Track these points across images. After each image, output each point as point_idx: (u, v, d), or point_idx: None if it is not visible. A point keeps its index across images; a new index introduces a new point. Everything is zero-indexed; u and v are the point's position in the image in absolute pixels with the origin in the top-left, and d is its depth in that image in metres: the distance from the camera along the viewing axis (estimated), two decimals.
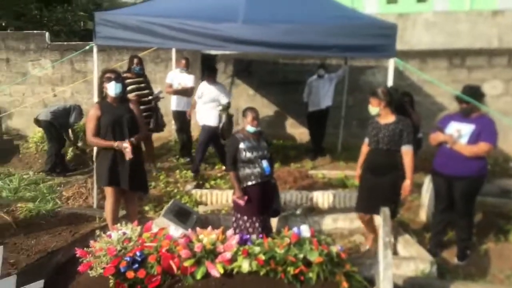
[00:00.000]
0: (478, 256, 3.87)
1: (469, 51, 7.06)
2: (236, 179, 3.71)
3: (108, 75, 3.71)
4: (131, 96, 5.48)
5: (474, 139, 3.56)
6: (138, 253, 2.76)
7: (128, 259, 2.71)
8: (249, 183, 3.71)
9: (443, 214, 3.90)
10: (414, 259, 3.53)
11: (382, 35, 3.98)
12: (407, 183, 3.60)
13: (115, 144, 3.60)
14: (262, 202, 3.76)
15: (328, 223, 4.50)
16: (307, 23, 4.07)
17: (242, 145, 3.71)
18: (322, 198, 5.15)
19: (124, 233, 3.00)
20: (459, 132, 3.62)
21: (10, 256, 3.18)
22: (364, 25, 4.10)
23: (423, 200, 4.63)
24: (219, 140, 6.03)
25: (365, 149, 3.88)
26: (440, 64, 7.02)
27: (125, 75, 5.37)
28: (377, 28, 4.06)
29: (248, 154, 3.70)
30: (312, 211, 5.00)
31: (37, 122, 6.06)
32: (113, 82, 3.66)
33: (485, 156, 3.68)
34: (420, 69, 6.54)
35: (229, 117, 6.02)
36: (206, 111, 5.89)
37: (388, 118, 3.66)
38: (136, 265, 2.70)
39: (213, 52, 7.58)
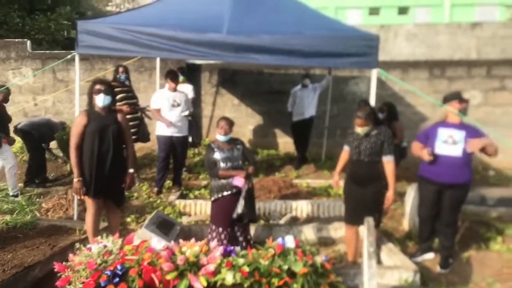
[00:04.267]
0: (460, 264, 3.91)
1: (449, 62, 7.24)
2: (227, 173, 3.69)
3: (98, 87, 3.63)
4: (120, 105, 5.43)
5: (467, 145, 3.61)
6: (119, 267, 2.69)
7: (108, 273, 2.64)
8: (225, 193, 3.70)
9: (431, 221, 3.93)
10: (398, 268, 3.53)
11: (365, 46, 4.04)
12: (389, 193, 3.62)
13: (76, 179, 3.56)
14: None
15: (312, 232, 4.49)
16: (292, 33, 4.10)
17: (217, 156, 3.70)
18: (307, 208, 5.15)
19: (105, 246, 2.92)
20: (452, 138, 3.66)
21: None
22: (348, 36, 4.15)
23: (406, 209, 4.67)
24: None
25: (344, 155, 3.87)
26: (421, 75, 7.18)
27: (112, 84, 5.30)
28: (361, 39, 4.12)
29: (222, 165, 3.70)
30: (297, 221, 5.00)
31: (17, 131, 5.92)
32: (102, 95, 3.61)
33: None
34: (402, 79, 6.65)
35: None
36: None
37: (366, 130, 3.64)
38: (117, 279, 2.63)
39: (197, 61, 7.59)
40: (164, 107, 5.43)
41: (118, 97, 5.26)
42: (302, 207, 5.18)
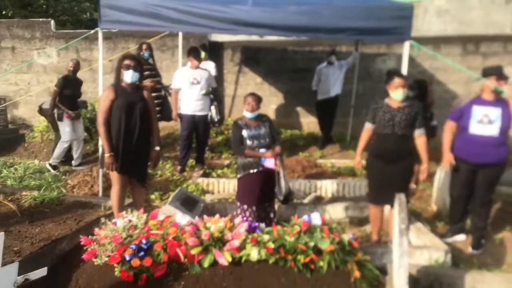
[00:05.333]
0: (493, 245, 3.76)
1: (483, 37, 6.88)
2: (253, 153, 3.64)
3: (127, 62, 3.58)
4: (146, 82, 5.40)
5: (507, 121, 3.44)
6: (144, 241, 2.68)
7: (133, 247, 2.63)
8: (251, 171, 3.65)
9: (464, 202, 3.79)
10: (428, 248, 3.42)
11: (397, 17, 3.85)
12: (424, 166, 3.50)
13: (107, 154, 3.54)
14: (264, 190, 3.71)
15: (338, 212, 4.40)
16: (320, 5, 3.94)
17: (244, 133, 3.64)
18: (331, 187, 5.05)
19: (130, 221, 2.93)
20: (487, 117, 3.48)
21: (13, 244, 3.11)
22: (379, 7, 3.95)
23: (435, 189, 4.50)
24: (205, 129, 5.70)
25: (367, 134, 3.68)
26: (453, 51, 6.86)
27: None
28: (393, 10, 3.91)
29: (249, 143, 3.64)
30: (321, 200, 4.91)
31: (41, 111, 6.01)
32: (131, 71, 3.57)
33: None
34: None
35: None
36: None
37: (398, 102, 3.49)
38: (142, 253, 2.63)
39: (219, 39, 7.47)
40: (184, 85, 5.37)
41: None
42: (326, 187, 5.08)
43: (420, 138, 3.49)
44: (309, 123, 7.54)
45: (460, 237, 3.85)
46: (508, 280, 2.96)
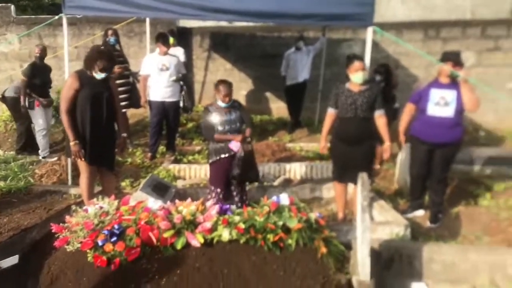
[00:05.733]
0: (450, 219, 4.02)
1: (444, 22, 7.13)
2: (223, 137, 3.70)
3: (103, 63, 3.48)
4: (113, 69, 5.33)
5: (461, 104, 3.64)
6: (116, 226, 2.72)
7: (106, 232, 2.67)
8: (222, 155, 3.72)
9: (422, 180, 4.01)
10: (389, 223, 3.63)
11: (360, 4, 3.96)
12: (386, 145, 3.68)
13: (73, 142, 3.50)
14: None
15: (306, 193, 4.56)
16: None
17: (215, 119, 3.69)
18: (300, 170, 5.20)
19: (101, 207, 2.95)
20: (444, 99, 3.68)
21: None
22: None
23: (398, 169, 4.74)
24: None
25: (330, 119, 3.80)
26: (415, 36, 7.09)
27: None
28: None
29: (220, 128, 3.69)
30: (290, 182, 5.06)
31: (3, 99, 5.82)
32: (104, 74, 3.53)
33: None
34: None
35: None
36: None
37: (359, 86, 3.63)
38: (115, 238, 2.67)
39: (188, 25, 7.41)
40: (153, 72, 5.34)
41: None
42: (295, 169, 5.23)
43: (380, 118, 3.66)
44: (279, 108, 7.65)
45: (420, 213, 4.09)
46: (462, 250, 3.19)
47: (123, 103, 5.57)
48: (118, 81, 5.49)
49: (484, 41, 6.95)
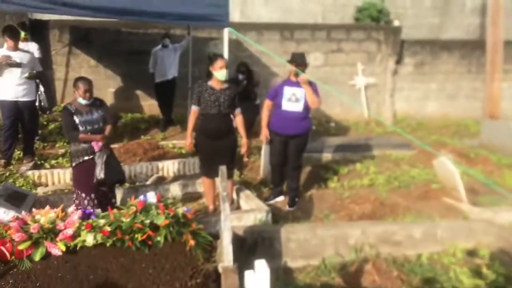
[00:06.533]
0: (304, 202, 4.58)
1: (296, 25, 7.92)
2: (88, 137, 3.56)
3: None
4: None
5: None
6: None
7: None
8: (86, 157, 3.60)
9: (280, 168, 4.46)
10: (253, 211, 3.98)
11: (214, 5, 4.15)
12: (244, 140, 4.02)
13: None
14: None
15: (178, 189, 4.67)
16: None
17: (76, 119, 3.54)
18: (173, 167, 5.29)
19: None
20: (295, 96, 4.14)
21: None
22: None
23: (262, 160, 5.18)
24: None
25: (194, 116, 3.95)
26: (274, 37, 7.71)
27: None
28: None
29: (81, 129, 3.55)
30: (163, 180, 5.11)
31: None
32: None
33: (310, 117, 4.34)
34: (257, 41, 7.06)
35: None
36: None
37: (221, 84, 3.87)
38: None
39: (42, 17, 6.78)
40: (1, 68, 4.81)
41: None
42: (168, 167, 5.29)
43: (238, 116, 4.00)
44: (150, 105, 7.56)
45: (280, 198, 4.56)
46: (312, 228, 3.70)
47: None
48: None
49: (329, 44, 7.93)
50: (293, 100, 4.17)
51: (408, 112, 8.39)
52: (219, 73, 3.81)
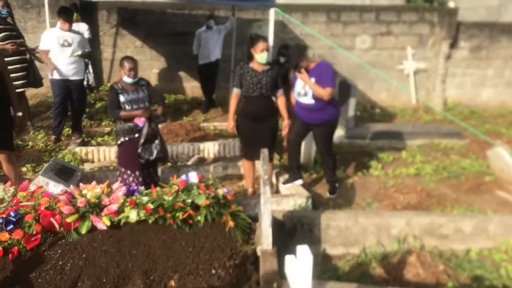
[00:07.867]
0: (346, 189, 4.44)
1: (343, 7, 7.60)
2: (129, 113, 3.63)
3: None
4: (7, 46, 4.96)
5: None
6: (12, 214, 2.61)
7: (0, 220, 2.54)
8: (131, 136, 3.67)
9: (297, 146, 4.24)
10: (293, 196, 3.92)
11: None
12: (286, 122, 3.93)
13: None
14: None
15: (219, 171, 4.69)
16: None
17: (121, 98, 3.60)
18: (213, 148, 5.31)
19: None
20: (304, 89, 3.95)
21: None
22: None
23: (303, 146, 5.05)
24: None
25: (236, 98, 3.88)
26: (319, 18, 7.46)
27: None
28: None
29: (128, 108, 3.61)
30: (204, 161, 5.15)
31: None
32: None
33: (336, 103, 4.09)
34: (303, 23, 6.87)
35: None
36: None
37: (262, 65, 3.77)
38: (11, 226, 2.55)
39: None
40: (54, 47, 4.99)
41: None
42: (208, 148, 5.32)
43: (281, 97, 3.90)
44: (193, 87, 7.62)
45: (299, 182, 4.27)
46: (353, 215, 3.57)
47: (19, 82, 5.17)
48: (13, 58, 5.07)
49: (378, 26, 7.57)
50: (302, 94, 3.99)
51: (460, 99, 7.91)
52: (260, 56, 3.73)
